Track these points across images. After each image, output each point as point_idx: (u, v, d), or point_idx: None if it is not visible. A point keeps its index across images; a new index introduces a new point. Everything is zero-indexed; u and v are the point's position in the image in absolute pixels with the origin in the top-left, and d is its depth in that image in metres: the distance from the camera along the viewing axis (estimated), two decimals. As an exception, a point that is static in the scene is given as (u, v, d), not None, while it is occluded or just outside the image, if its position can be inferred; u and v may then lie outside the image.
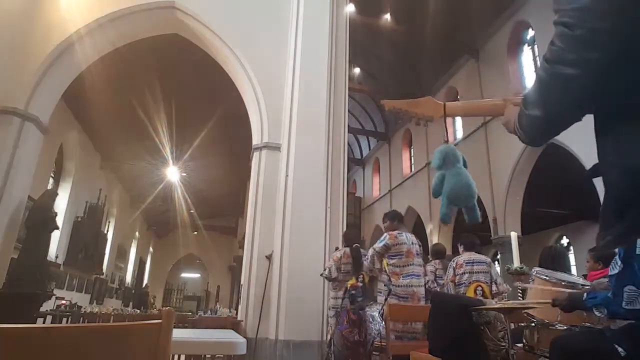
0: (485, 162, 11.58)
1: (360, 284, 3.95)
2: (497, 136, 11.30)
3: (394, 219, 3.95)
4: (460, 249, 4.50)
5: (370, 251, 3.81)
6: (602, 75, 0.80)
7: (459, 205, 1.33)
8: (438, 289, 4.65)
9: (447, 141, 1.42)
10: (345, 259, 4.32)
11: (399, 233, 3.76)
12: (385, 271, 3.69)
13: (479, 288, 4.01)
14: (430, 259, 5.33)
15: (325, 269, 4.47)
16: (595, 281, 2.43)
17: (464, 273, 4.12)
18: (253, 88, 6.46)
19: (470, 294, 3.93)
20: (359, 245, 4.35)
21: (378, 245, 3.75)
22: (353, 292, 3.73)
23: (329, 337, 3.92)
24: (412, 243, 3.76)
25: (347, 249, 4.36)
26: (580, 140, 7.64)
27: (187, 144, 11.93)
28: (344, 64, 6.78)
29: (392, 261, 3.66)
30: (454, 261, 4.29)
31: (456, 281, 4.14)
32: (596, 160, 0.97)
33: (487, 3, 11.17)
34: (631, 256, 0.97)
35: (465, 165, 1.46)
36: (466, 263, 4.16)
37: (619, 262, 1.01)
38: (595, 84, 0.82)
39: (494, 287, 4.12)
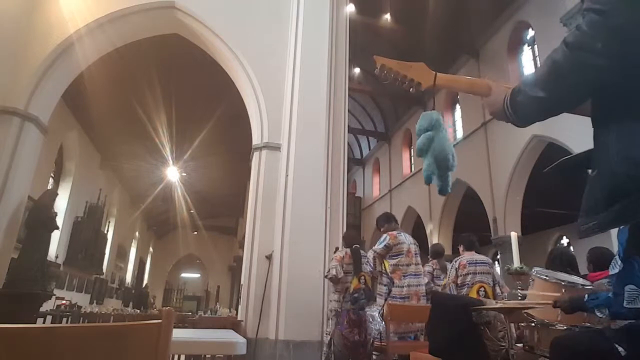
0: (485, 162, 11.58)
1: (363, 286, 3.95)
2: (497, 136, 11.30)
3: (390, 221, 3.97)
4: (460, 249, 4.47)
5: (371, 253, 3.81)
6: (624, 68, 0.79)
7: (440, 169, 1.32)
8: (438, 289, 4.63)
9: (433, 108, 1.42)
10: (347, 260, 4.32)
11: (398, 233, 3.77)
12: (386, 272, 3.69)
13: (482, 289, 3.98)
14: (430, 259, 5.34)
15: (328, 270, 4.47)
16: (596, 283, 2.43)
17: (467, 274, 4.05)
18: (253, 88, 6.46)
19: (473, 294, 3.90)
20: (358, 246, 4.35)
21: (378, 247, 3.74)
22: (355, 295, 3.73)
23: (328, 338, 3.92)
24: (411, 243, 3.77)
25: (348, 250, 4.37)
26: (580, 140, 7.64)
27: (187, 144, 11.93)
28: (344, 64, 6.77)
29: (393, 261, 3.66)
30: (456, 261, 4.23)
31: (459, 282, 4.06)
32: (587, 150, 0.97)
33: (487, 3, 11.18)
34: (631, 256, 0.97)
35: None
36: (469, 263, 4.10)
37: (619, 262, 1.01)
38: (615, 76, 0.81)
39: (497, 289, 4.10)
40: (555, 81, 0.88)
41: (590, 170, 0.93)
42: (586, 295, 1.46)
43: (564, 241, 14.70)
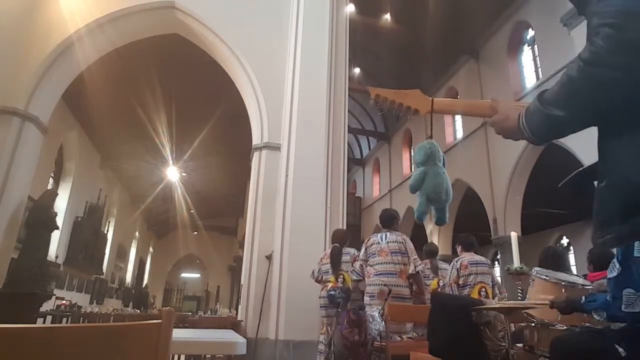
0: (485, 162, 11.58)
1: (340, 284, 3.99)
2: (497, 136, 11.16)
3: (384, 223, 4.01)
4: (459, 249, 4.47)
5: (357, 263, 3.88)
6: (637, 80, 0.79)
7: (434, 204, 1.32)
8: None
9: (430, 137, 1.41)
10: (324, 260, 4.36)
11: (372, 235, 3.87)
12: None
13: (483, 289, 3.98)
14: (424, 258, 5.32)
15: (312, 271, 4.54)
16: (596, 282, 2.44)
17: (469, 274, 4.05)
18: (253, 88, 6.46)
19: (474, 295, 3.90)
20: (338, 245, 4.38)
21: (360, 254, 3.87)
22: (332, 292, 3.77)
23: (328, 337, 3.92)
24: (389, 241, 3.76)
25: (329, 250, 4.44)
26: (581, 140, 7.64)
27: (187, 144, 11.94)
28: (344, 64, 6.77)
29: (368, 262, 3.76)
30: (457, 262, 4.21)
31: (460, 282, 4.06)
32: (595, 160, 0.97)
33: (487, 3, 11.17)
34: (629, 259, 0.97)
35: (444, 164, 1.46)
36: (471, 264, 4.10)
37: (617, 265, 1.01)
38: (629, 89, 0.81)
39: (496, 290, 4.11)
40: (573, 99, 0.87)
41: (597, 182, 0.93)
42: (583, 297, 1.45)
43: (564, 241, 14.70)
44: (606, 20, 0.79)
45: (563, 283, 1.96)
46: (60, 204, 10.27)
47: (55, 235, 8.56)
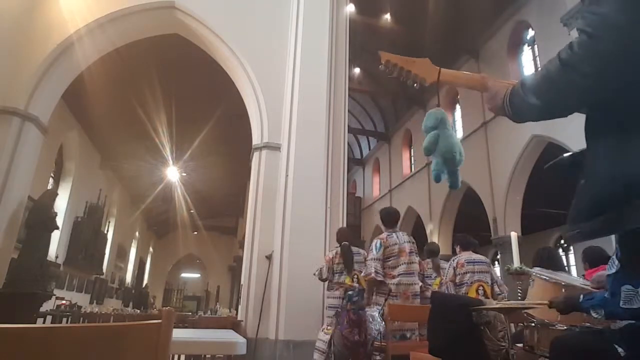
0: (485, 162, 11.58)
1: (356, 284, 3.96)
2: (497, 136, 11.30)
3: (386, 223, 3.98)
4: (457, 248, 4.49)
5: (371, 263, 3.79)
6: (613, 89, 0.82)
7: (448, 166, 1.34)
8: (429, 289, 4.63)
9: (438, 105, 1.43)
10: (337, 259, 4.33)
11: (389, 235, 3.79)
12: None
13: (481, 288, 3.99)
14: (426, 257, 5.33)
15: (317, 270, 4.50)
16: (596, 275, 2.45)
17: (465, 273, 4.08)
18: (253, 88, 6.46)
19: (472, 294, 3.92)
20: (347, 243, 4.36)
21: (377, 253, 3.75)
22: (350, 292, 3.74)
23: (328, 337, 3.92)
24: (405, 242, 3.77)
25: (339, 249, 4.39)
26: (581, 140, 7.63)
27: (187, 144, 11.94)
28: (344, 64, 6.77)
29: (386, 263, 3.69)
30: (454, 260, 4.26)
31: (457, 281, 4.10)
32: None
33: (487, 3, 11.17)
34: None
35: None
36: (467, 263, 4.13)
37: (616, 262, 1.01)
38: (603, 94, 0.84)
39: (496, 288, 4.11)
40: (548, 92, 0.92)
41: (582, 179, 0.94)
42: (581, 296, 1.46)
43: (564, 241, 14.69)
44: (586, 28, 0.80)
45: (563, 283, 1.96)
46: (60, 204, 10.27)
47: (55, 235, 8.56)
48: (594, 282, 1.85)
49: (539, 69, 0.98)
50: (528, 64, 11.17)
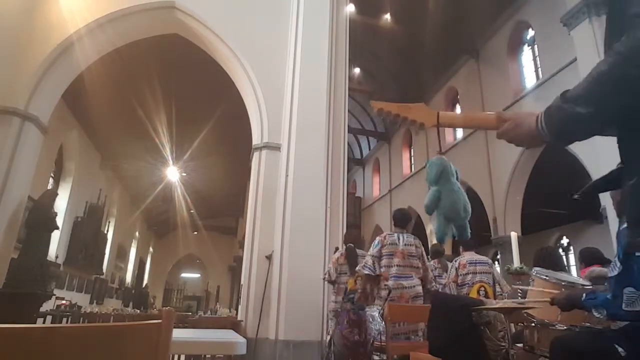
0: (485, 162, 11.58)
1: (358, 288, 3.95)
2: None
3: (396, 223, 3.96)
4: (460, 249, 4.51)
5: (369, 258, 3.79)
6: None
7: (453, 223, 1.30)
8: (439, 289, 4.64)
9: (440, 151, 1.39)
10: (341, 260, 4.34)
11: (390, 234, 3.78)
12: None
13: (482, 289, 4.00)
14: (430, 259, 5.33)
15: (325, 273, 4.49)
16: (588, 271, 2.47)
17: (467, 273, 4.10)
18: (253, 88, 6.46)
19: (473, 294, 3.92)
20: (352, 245, 4.36)
21: (373, 250, 3.75)
22: (352, 295, 3.73)
23: (328, 338, 3.92)
24: (405, 244, 3.74)
25: (344, 250, 4.39)
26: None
27: (187, 144, 11.94)
28: (344, 64, 6.77)
29: (383, 262, 3.68)
30: (456, 261, 4.27)
31: (459, 281, 4.12)
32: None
33: (487, 3, 11.17)
34: (630, 258, 0.97)
35: (457, 177, 1.43)
36: (469, 263, 4.15)
37: (618, 264, 1.01)
38: None
39: (497, 288, 4.12)
40: (599, 93, 0.85)
41: (629, 182, 0.90)
42: (584, 294, 1.45)
43: (564, 241, 14.68)
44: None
45: (563, 283, 1.96)
46: (60, 204, 10.27)
47: (55, 235, 8.56)
48: (586, 279, 1.86)
49: (582, 79, 0.90)
50: (528, 64, 11.17)
